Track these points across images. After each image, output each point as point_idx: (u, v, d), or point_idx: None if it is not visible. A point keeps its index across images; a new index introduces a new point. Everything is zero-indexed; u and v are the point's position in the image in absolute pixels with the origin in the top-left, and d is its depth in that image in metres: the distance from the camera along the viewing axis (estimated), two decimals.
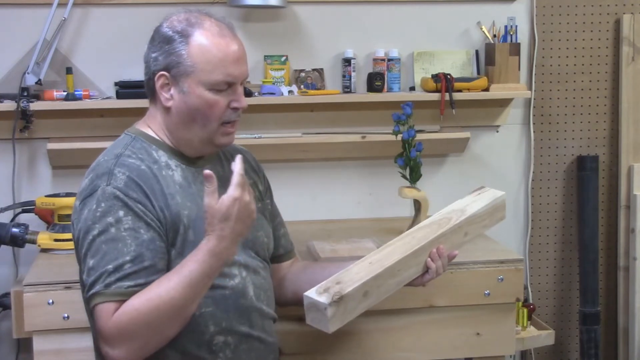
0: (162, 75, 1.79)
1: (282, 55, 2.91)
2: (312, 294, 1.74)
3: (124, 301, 1.65)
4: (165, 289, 1.64)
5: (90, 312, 1.71)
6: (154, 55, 1.80)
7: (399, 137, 2.46)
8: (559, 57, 3.12)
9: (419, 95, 2.91)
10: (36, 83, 2.66)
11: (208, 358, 1.79)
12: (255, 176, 2.02)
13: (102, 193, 1.71)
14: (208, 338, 1.79)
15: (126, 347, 1.65)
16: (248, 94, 2.76)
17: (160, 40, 1.80)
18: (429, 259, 1.91)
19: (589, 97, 3.17)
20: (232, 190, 1.67)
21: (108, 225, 1.69)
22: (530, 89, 3.08)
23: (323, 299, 1.71)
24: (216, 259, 1.67)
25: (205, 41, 1.77)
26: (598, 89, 3.17)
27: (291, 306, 2.03)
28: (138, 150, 1.81)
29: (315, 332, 2.28)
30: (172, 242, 1.75)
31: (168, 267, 1.73)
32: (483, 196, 2.07)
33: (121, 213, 1.70)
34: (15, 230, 2.47)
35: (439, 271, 1.93)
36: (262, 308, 1.87)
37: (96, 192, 1.72)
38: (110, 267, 1.66)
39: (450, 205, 2.05)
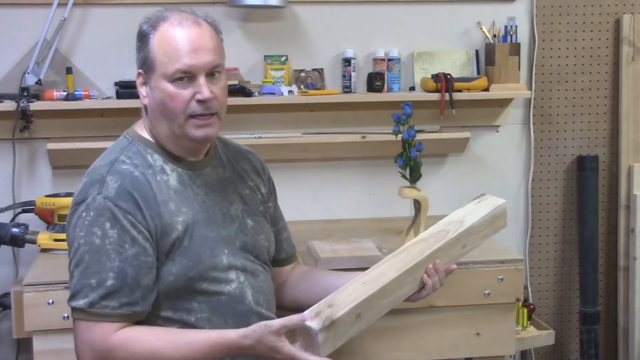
0: (139, 73, 1.80)
1: (282, 55, 2.91)
2: (309, 318, 1.67)
3: (108, 322, 1.67)
4: (170, 354, 1.68)
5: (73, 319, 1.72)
6: (136, 55, 1.81)
7: (399, 137, 2.46)
8: (559, 57, 3.12)
9: (419, 95, 2.91)
10: (36, 83, 2.66)
11: None
12: (258, 178, 2.00)
13: (92, 201, 1.71)
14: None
15: None
16: (248, 94, 2.76)
17: (136, 39, 1.81)
18: (425, 275, 1.85)
19: (589, 97, 3.17)
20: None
21: (94, 237, 1.69)
22: (530, 89, 3.08)
23: (314, 324, 1.64)
24: (227, 352, 1.70)
25: (164, 34, 1.76)
26: (598, 89, 3.17)
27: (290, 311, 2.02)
28: (134, 154, 1.80)
29: None
30: (164, 249, 1.74)
31: (157, 274, 1.73)
32: (483, 204, 2.02)
33: (107, 225, 1.69)
34: (15, 230, 2.47)
35: (436, 287, 1.88)
36: (261, 312, 1.85)
37: (86, 200, 1.72)
38: (93, 281, 1.67)
39: (448, 216, 1.98)
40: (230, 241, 1.84)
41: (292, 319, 1.66)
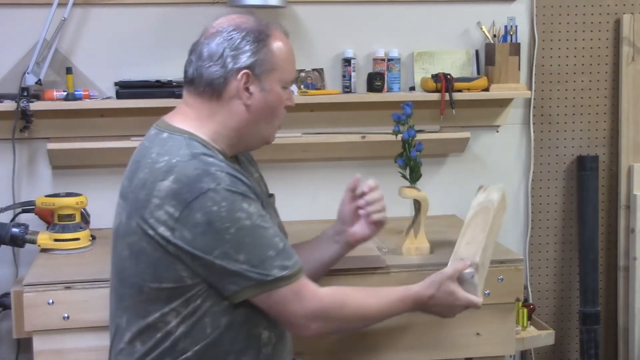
0: (246, 73, 1.80)
1: None
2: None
3: (304, 279, 1.77)
4: (373, 305, 1.89)
5: (263, 299, 1.74)
6: (232, 53, 1.79)
7: (399, 137, 2.46)
8: (559, 57, 3.12)
9: (419, 95, 2.91)
10: (36, 83, 2.66)
11: (252, 352, 1.81)
12: (256, 168, 2.07)
13: (216, 194, 1.69)
14: (258, 332, 1.82)
15: (323, 325, 1.80)
16: None
17: (239, 40, 1.80)
18: None
19: (589, 97, 3.17)
20: (476, 300, 1.96)
21: (241, 220, 1.70)
22: (530, 89, 3.08)
23: (471, 269, 1.95)
24: (413, 306, 1.94)
25: (281, 42, 1.85)
26: (598, 89, 3.17)
27: None
28: (204, 150, 1.78)
29: None
30: None
31: None
32: (491, 189, 2.28)
33: (245, 205, 1.71)
34: (15, 230, 2.47)
35: None
36: None
37: (206, 194, 1.69)
38: (270, 252, 1.72)
39: (475, 200, 2.25)
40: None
41: (458, 265, 1.95)
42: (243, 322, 1.79)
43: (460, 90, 2.90)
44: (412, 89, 2.99)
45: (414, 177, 2.46)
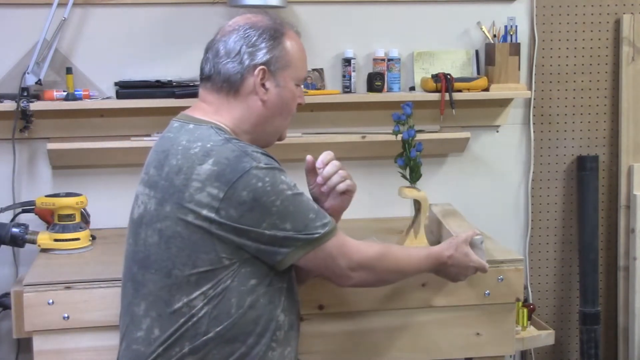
0: (262, 69, 1.85)
1: None
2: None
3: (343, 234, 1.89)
4: (407, 259, 2.03)
5: (312, 254, 1.83)
6: (249, 50, 1.85)
7: (399, 137, 2.46)
8: (559, 57, 3.12)
9: (419, 95, 2.91)
10: (36, 83, 2.66)
11: (269, 334, 1.84)
12: None
13: (258, 171, 1.77)
14: (276, 314, 1.86)
15: (365, 274, 1.92)
16: None
17: (264, 36, 1.86)
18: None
19: (589, 97, 3.17)
20: (485, 264, 2.16)
21: (285, 192, 1.79)
22: (530, 89, 3.08)
23: (477, 237, 2.17)
24: (435, 263, 2.08)
25: (294, 41, 1.92)
26: (598, 89, 3.17)
27: None
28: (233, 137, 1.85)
29: (314, 332, 2.29)
30: None
31: None
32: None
33: (283, 177, 1.81)
34: (15, 230, 2.47)
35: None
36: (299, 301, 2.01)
37: (249, 172, 1.76)
38: (311, 215, 1.83)
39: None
40: None
41: (468, 232, 2.17)
42: (266, 303, 1.83)
43: (460, 90, 2.90)
44: (412, 89, 2.99)
45: (414, 177, 2.46)
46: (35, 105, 2.66)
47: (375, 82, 2.89)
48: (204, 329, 1.79)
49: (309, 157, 2.06)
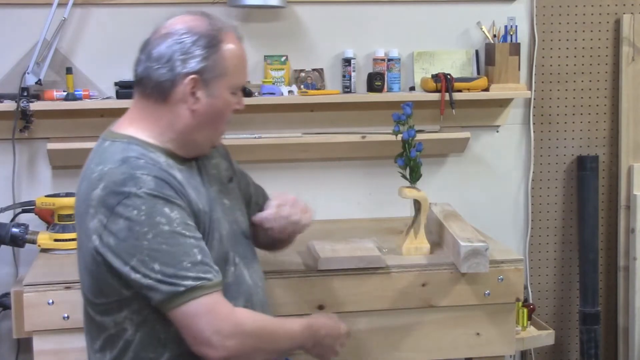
0: (194, 78, 1.76)
1: (282, 55, 2.91)
2: (468, 242, 2.28)
3: (220, 293, 1.69)
4: (282, 327, 1.83)
5: (172, 310, 1.66)
6: (181, 57, 1.75)
7: (399, 137, 2.46)
8: (559, 57, 3.12)
9: (419, 95, 2.91)
10: (36, 83, 2.66)
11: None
12: (226, 162, 2.02)
13: (137, 198, 1.65)
14: None
15: (239, 344, 1.69)
16: (248, 94, 2.76)
17: (190, 44, 1.76)
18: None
19: (589, 97, 3.17)
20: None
21: (160, 225, 1.65)
22: (530, 89, 3.08)
23: (482, 244, 2.24)
24: (310, 333, 1.87)
25: (233, 46, 1.79)
26: (598, 89, 3.17)
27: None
28: (140, 153, 1.76)
29: None
30: (202, 231, 1.76)
31: None
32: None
33: (167, 210, 1.67)
34: (15, 230, 2.47)
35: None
36: (258, 292, 1.91)
37: (129, 197, 1.65)
38: (185, 263, 1.65)
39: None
40: (232, 228, 1.88)
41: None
42: None
43: (460, 90, 2.90)
44: (412, 89, 2.99)
45: (414, 177, 2.46)
46: (35, 105, 2.66)
47: (375, 82, 2.89)
48: (143, 356, 1.74)
49: (255, 219, 2.00)
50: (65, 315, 2.18)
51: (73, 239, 2.49)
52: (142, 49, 1.83)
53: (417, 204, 2.47)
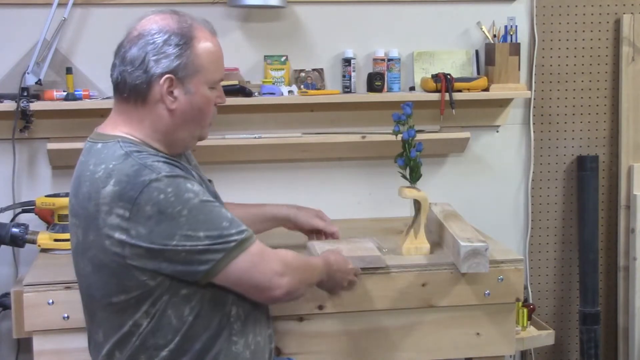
0: (169, 77, 1.77)
1: (282, 55, 2.91)
2: (468, 242, 2.27)
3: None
4: (312, 262, 2.02)
5: (220, 270, 1.75)
6: (154, 57, 1.77)
7: (399, 137, 2.46)
8: (559, 57, 3.12)
9: (419, 95, 2.91)
10: (36, 83, 2.66)
11: (225, 331, 1.83)
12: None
13: (159, 182, 1.70)
14: (227, 310, 1.83)
15: (291, 279, 1.83)
16: (248, 94, 2.76)
17: (161, 43, 1.78)
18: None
19: (589, 97, 3.17)
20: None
21: (190, 200, 1.71)
22: (530, 89, 3.08)
23: (482, 244, 2.25)
24: (328, 269, 2.06)
25: (206, 42, 1.82)
26: (598, 89, 3.17)
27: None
28: (138, 148, 1.79)
29: (314, 332, 2.29)
30: None
31: None
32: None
33: (189, 185, 1.73)
34: (15, 230, 2.47)
35: None
36: None
37: (149, 185, 1.69)
38: (224, 224, 1.74)
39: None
40: None
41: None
42: (212, 308, 1.80)
43: (460, 90, 2.90)
44: (412, 89, 2.99)
45: (414, 177, 2.46)
46: (35, 105, 2.66)
47: (375, 82, 2.89)
48: (151, 342, 1.77)
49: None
50: (65, 315, 2.18)
51: None
52: (116, 53, 1.86)
53: (417, 204, 2.46)
